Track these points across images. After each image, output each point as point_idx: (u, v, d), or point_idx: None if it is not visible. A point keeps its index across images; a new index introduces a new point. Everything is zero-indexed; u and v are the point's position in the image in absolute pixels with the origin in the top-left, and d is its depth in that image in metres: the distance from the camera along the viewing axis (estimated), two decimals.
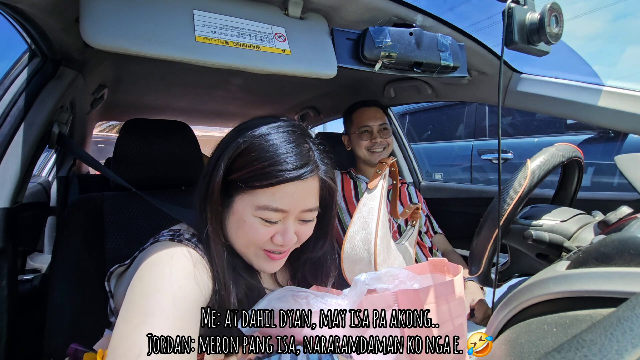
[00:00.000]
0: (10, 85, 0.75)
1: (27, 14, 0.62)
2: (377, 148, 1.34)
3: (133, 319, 0.47)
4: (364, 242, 0.78)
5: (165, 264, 0.53)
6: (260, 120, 0.61)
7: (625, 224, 0.60)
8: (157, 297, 0.49)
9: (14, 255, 0.75)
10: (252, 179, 0.56)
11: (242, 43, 0.65)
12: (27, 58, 0.79)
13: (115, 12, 0.55)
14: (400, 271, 0.59)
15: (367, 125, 1.35)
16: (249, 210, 0.58)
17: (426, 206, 1.51)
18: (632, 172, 0.67)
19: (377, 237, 0.77)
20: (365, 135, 1.35)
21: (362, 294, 0.56)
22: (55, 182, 1.76)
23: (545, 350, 0.36)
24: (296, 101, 1.90)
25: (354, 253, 0.76)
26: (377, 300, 0.55)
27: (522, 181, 0.72)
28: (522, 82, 1.05)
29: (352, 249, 0.77)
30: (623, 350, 0.23)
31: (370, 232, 0.78)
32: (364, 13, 0.79)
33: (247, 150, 0.57)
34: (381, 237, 0.79)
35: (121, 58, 1.00)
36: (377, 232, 0.78)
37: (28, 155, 0.74)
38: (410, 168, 1.84)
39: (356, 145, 1.38)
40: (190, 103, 1.79)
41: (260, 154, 0.56)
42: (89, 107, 1.32)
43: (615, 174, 2.40)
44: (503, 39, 0.71)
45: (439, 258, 0.77)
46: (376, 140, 1.34)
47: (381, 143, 1.35)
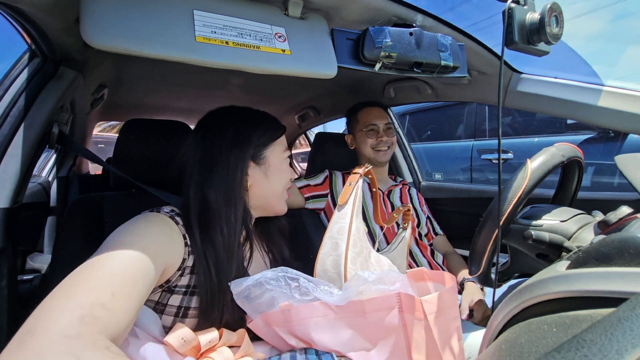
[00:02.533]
0: (11, 85, 0.75)
1: (27, 14, 0.62)
2: (382, 146, 1.36)
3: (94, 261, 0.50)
4: (334, 265, 0.72)
5: (139, 219, 0.61)
6: (219, 109, 0.79)
7: (626, 224, 0.60)
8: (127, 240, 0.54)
9: (14, 255, 0.75)
10: (271, 137, 0.77)
11: (242, 43, 0.65)
12: (27, 58, 0.79)
13: (116, 12, 0.55)
14: (400, 276, 0.59)
15: (374, 123, 1.37)
16: (281, 157, 0.78)
17: (427, 207, 1.51)
18: (632, 172, 0.67)
19: (347, 258, 0.72)
20: (372, 134, 1.37)
21: (359, 292, 0.56)
22: (55, 182, 1.76)
23: (545, 350, 0.36)
24: (296, 101, 1.90)
25: (326, 276, 0.71)
26: (379, 301, 0.55)
27: (522, 181, 0.72)
28: (522, 82, 1.05)
29: (323, 272, 0.72)
30: (623, 350, 0.23)
31: (340, 254, 0.72)
32: (364, 13, 0.79)
33: (250, 124, 0.75)
34: (353, 257, 0.73)
35: (121, 58, 1.00)
36: (347, 253, 0.73)
37: (28, 155, 0.74)
38: (410, 168, 1.84)
39: (362, 143, 1.39)
40: (191, 103, 1.78)
41: (258, 122, 0.76)
42: (89, 107, 1.32)
43: (615, 174, 2.40)
44: (503, 39, 0.71)
45: (416, 268, 0.77)
46: (382, 138, 1.36)
47: (386, 142, 1.37)
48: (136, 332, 0.56)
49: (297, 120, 2.07)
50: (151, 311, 0.61)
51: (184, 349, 0.55)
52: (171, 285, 0.63)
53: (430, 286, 0.75)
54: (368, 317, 0.56)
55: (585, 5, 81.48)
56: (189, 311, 0.64)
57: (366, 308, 0.56)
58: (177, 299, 0.64)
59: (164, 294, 0.63)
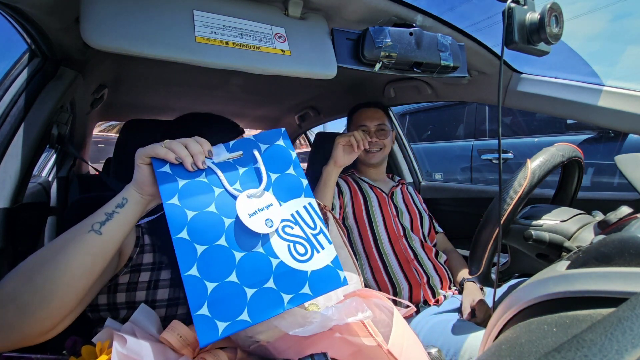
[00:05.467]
0: (11, 85, 0.75)
1: (27, 14, 0.62)
2: (372, 147, 1.34)
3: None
4: None
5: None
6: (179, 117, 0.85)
7: (626, 224, 0.60)
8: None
9: (14, 255, 0.75)
10: (227, 136, 0.75)
11: (242, 43, 0.65)
12: (27, 58, 0.79)
13: (116, 12, 0.55)
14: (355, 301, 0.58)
15: (364, 124, 1.36)
16: None
17: (426, 206, 1.50)
18: (632, 172, 0.67)
19: None
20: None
21: (325, 328, 0.54)
22: (55, 182, 1.76)
23: (545, 350, 0.36)
24: (296, 101, 1.90)
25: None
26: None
27: (522, 181, 0.72)
28: (522, 82, 1.05)
29: None
30: (623, 350, 0.23)
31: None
32: (364, 13, 0.79)
33: (204, 127, 0.79)
34: None
35: (121, 58, 1.00)
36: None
37: (28, 155, 0.74)
38: (410, 168, 1.84)
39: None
40: (191, 103, 1.78)
41: (212, 124, 0.80)
42: (89, 107, 1.32)
43: (615, 174, 2.40)
44: (503, 39, 0.71)
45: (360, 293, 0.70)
46: (372, 140, 1.34)
47: (377, 143, 1.35)
48: (133, 329, 0.56)
49: (297, 120, 2.07)
50: (149, 309, 0.61)
51: (181, 345, 0.55)
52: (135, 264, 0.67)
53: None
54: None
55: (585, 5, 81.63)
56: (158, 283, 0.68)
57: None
58: (142, 294, 0.67)
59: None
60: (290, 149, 0.63)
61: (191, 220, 0.53)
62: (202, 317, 0.48)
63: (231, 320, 0.49)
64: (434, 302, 1.16)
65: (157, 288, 0.68)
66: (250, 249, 0.54)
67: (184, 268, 0.50)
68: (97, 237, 0.52)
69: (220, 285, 0.51)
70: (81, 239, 0.51)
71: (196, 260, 0.51)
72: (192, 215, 0.53)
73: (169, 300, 0.69)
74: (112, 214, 0.55)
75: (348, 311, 0.53)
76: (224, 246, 0.53)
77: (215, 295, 0.50)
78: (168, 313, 0.69)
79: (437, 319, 1.05)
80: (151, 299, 0.68)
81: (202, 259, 0.51)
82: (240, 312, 0.50)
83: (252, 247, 0.54)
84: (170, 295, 0.69)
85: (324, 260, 0.57)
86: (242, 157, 0.60)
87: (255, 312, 0.50)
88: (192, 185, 0.55)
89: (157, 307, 0.68)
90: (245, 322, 0.50)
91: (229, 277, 0.51)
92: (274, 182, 0.60)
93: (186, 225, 0.53)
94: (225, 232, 0.54)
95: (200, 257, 0.51)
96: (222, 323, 0.49)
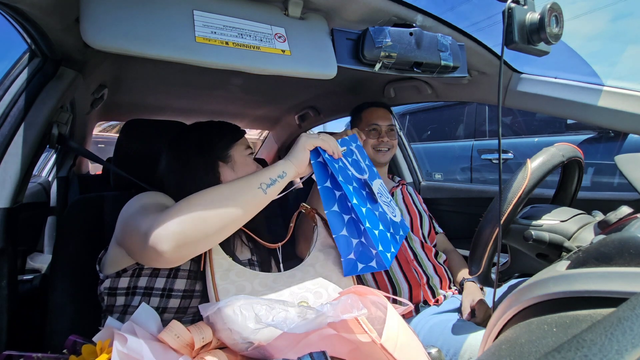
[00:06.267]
0: (11, 85, 0.75)
1: (27, 14, 0.62)
2: (382, 147, 1.36)
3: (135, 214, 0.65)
4: None
5: (144, 194, 0.74)
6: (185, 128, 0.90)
7: (626, 224, 0.60)
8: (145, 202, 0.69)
9: (14, 255, 0.75)
10: (232, 139, 0.84)
11: (242, 43, 0.65)
12: (27, 58, 0.79)
13: (116, 12, 0.55)
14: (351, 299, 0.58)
15: (377, 123, 1.37)
16: (244, 153, 0.84)
17: (425, 206, 1.50)
18: (632, 172, 0.67)
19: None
20: (373, 134, 1.37)
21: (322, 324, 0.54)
22: (55, 182, 1.76)
23: (545, 350, 0.36)
24: (296, 101, 1.90)
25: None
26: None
27: (522, 181, 0.72)
28: (522, 82, 1.05)
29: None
30: (623, 350, 0.23)
31: None
32: (364, 13, 0.79)
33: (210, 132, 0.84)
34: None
35: (121, 58, 1.00)
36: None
37: (28, 155, 0.74)
38: (410, 168, 1.84)
39: (362, 142, 1.39)
40: (191, 103, 1.78)
41: (216, 130, 0.85)
42: (89, 107, 1.32)
43: (615, 174, 2.40)
44: (503, 39, 0.71)
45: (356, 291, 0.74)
46: (383, 139, 1.36)
47: (387, 143, 1.36)
48: (134, 329, 0.56)
49: (297, 120, 2.07)
50: (150, 309, 0.62)
51: (178, 345, 0.55)
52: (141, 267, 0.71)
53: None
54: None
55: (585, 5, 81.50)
56: (172, 292, 0.70)
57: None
58: (161, 281, 0.70)
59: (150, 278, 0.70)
60: (362, 147, 0.96)
61: (339, 198, 0.77)
62: (349, 260, 0.77)
63: (365, 264, 0.76)
64: (433, 302, 1.16)
65: (176, 277, 0.71)
66: (375, 210, 0.82)
67: (336, 231, 0.76)
68: (263, 195, 0.65)
69: (360, 242, 0.78)
70: (253, 192, 0.64)
71: (345, 225, 0.77)
72: (339, 194, 0.78)
73: (185, 292, 0.71)
74: (275, 180, 0.67)
75: (343, 308, 0.54)
76: (362, 214, 0.75)
77: (357, 248, 0.77)
78: (182, 304, 0.71)
79: (437, 319, 1.05)
80: (169, 287, 0.70)
81: (349, 224, 0.78)
82: (371, 261, 0.76)
83: (376, 209, 0.82)
84: (187, 287, 0.71)
85: (399, 216, 0.93)
86: (346, 151, 0.84)
87: (380, 259, 0.75)
88: (335, 171, 0.75)
89: (172, 297, 0.70)
90: (372, 267, 0.76)
91: (363, 228, 0.76)
92: (368, 168, 0.91)
93: (336, 201, 0.77)
94: (358, 204, 0.76)
95: (347, 223, 0.78)
96: (361, 264, 0.76)
